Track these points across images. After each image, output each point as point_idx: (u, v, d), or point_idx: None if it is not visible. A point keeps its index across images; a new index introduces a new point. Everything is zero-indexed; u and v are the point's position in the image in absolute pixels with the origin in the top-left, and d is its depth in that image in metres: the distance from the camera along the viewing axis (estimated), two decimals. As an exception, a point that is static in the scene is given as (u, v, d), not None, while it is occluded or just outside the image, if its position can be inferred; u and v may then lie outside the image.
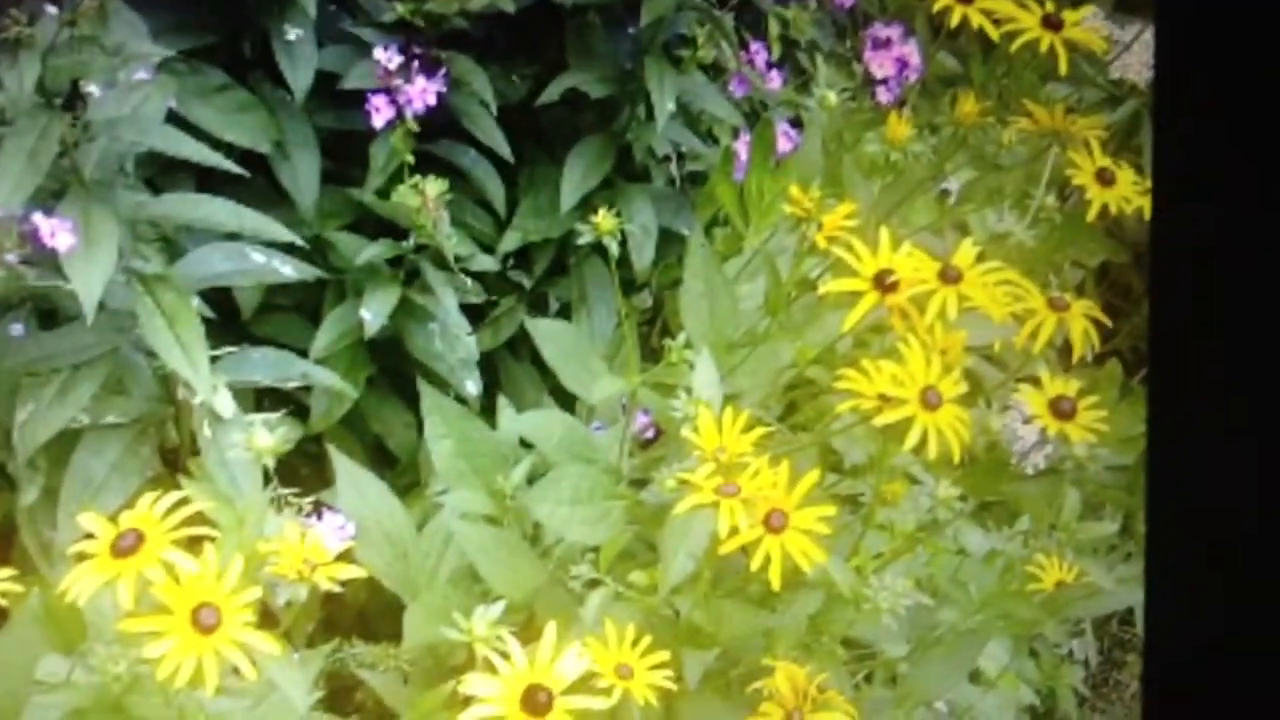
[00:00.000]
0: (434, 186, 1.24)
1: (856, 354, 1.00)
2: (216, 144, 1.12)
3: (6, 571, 0.81)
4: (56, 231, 0.96)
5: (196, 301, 1.06)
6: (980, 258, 0.96)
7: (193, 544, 0.80)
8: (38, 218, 0.96)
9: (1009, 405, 1.00)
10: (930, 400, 0.90)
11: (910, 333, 0.93)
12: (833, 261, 1.03)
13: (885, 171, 1.20)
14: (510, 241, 1.40)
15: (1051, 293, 1.01)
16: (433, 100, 1.25)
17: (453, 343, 1.30)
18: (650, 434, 1.16)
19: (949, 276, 0.95)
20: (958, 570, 1.07)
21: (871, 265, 0.95)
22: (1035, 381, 0.97)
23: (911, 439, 0.89)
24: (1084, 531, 1.02)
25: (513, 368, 1.40)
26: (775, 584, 0.85)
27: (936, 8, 1.10)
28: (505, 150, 1.36)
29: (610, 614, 0.90)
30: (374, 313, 1.27)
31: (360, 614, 1.15)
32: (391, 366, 1.34)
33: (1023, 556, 1.03)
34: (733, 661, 0.97)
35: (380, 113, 1.24)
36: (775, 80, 1.49)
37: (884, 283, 0.95)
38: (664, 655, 0.86)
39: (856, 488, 1.03)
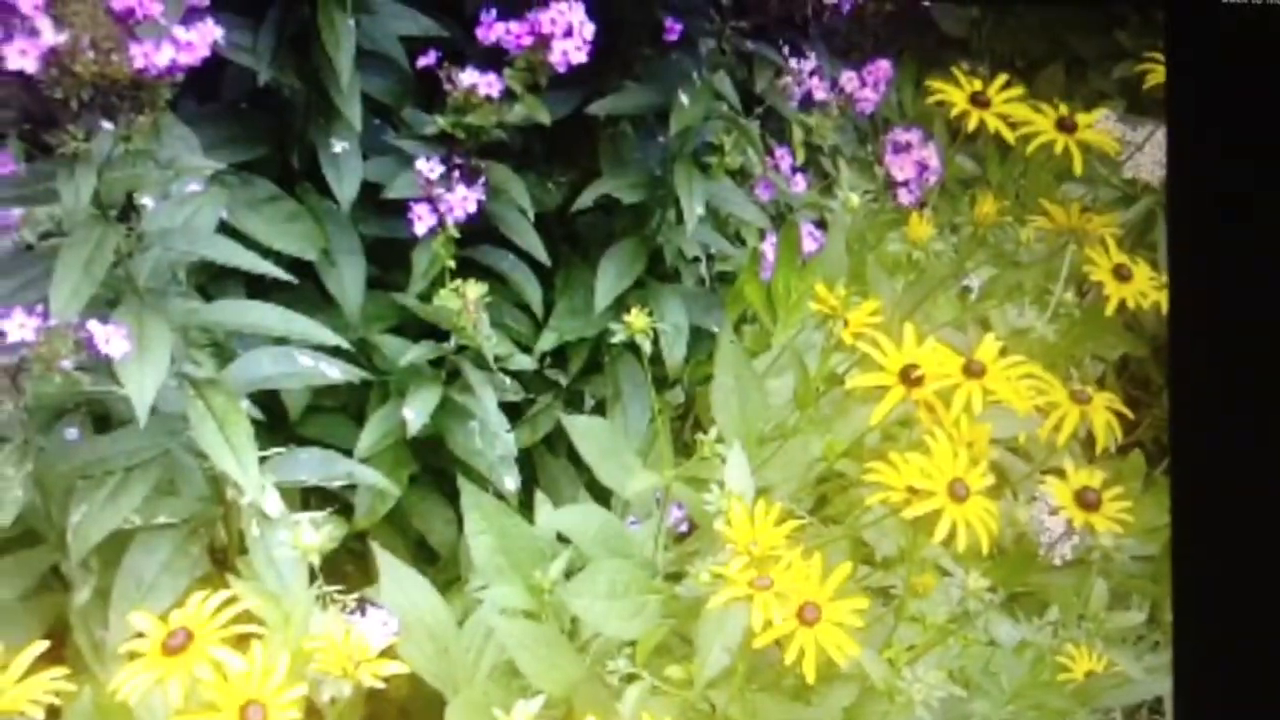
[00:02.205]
0: (474, 290, 1.24)
1: (885, 447, 0.98)
2: (266, 252, 1.12)
3: (59, 670, 0.80)
4: (111, 338, 0.96)
5: (246, 404, 1.06)
6: (1003, 352, 0.95)
7: (240, 641, 0.79)
8: (93, 325, 0.96)
9: (1035, 496, 0.98)
10: (958, 492, 0.88)
11: (937, 426, 0.92)
12: (859, 357, 1.02)
13: (908, 270, 1.19)
14: (547, 341, 1.39)
15: (1073, 386, 0.99)
16: (473, 208, 1.25)
17: (492, 440, 1.29)
18: (684, 528, 1.15)
19: (973, 371, 0.93)
20: (989, 661, 1.04)
21: (897, 360, 0.94)
22: (1060, 473, 0.95)
23: (940, 531, 0.87)
24: (1112, 621, 0.99)
25: (550, 464, 1.39)
26: (810, 677, 0.82)
27: (954, 113, 1.10)
28: (542, 254, 1.36)
29: (648, 708, 0.88)
30: (417, 412, 1.26)
31: (403, 709, 1.13)
32: (433, 464, 1.33)
33: (1053, 647, 1.01)
34: (770, 754, 0.95)
35: (422, 220, 1.24)
36: (800, 184, 1.49)
37: (909, 377, 0.93)
38: (701, 749, 0.84)
39: (888, 580, 1.01)
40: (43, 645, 0.81)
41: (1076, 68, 1.83)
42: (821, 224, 1.47)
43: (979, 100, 1.10)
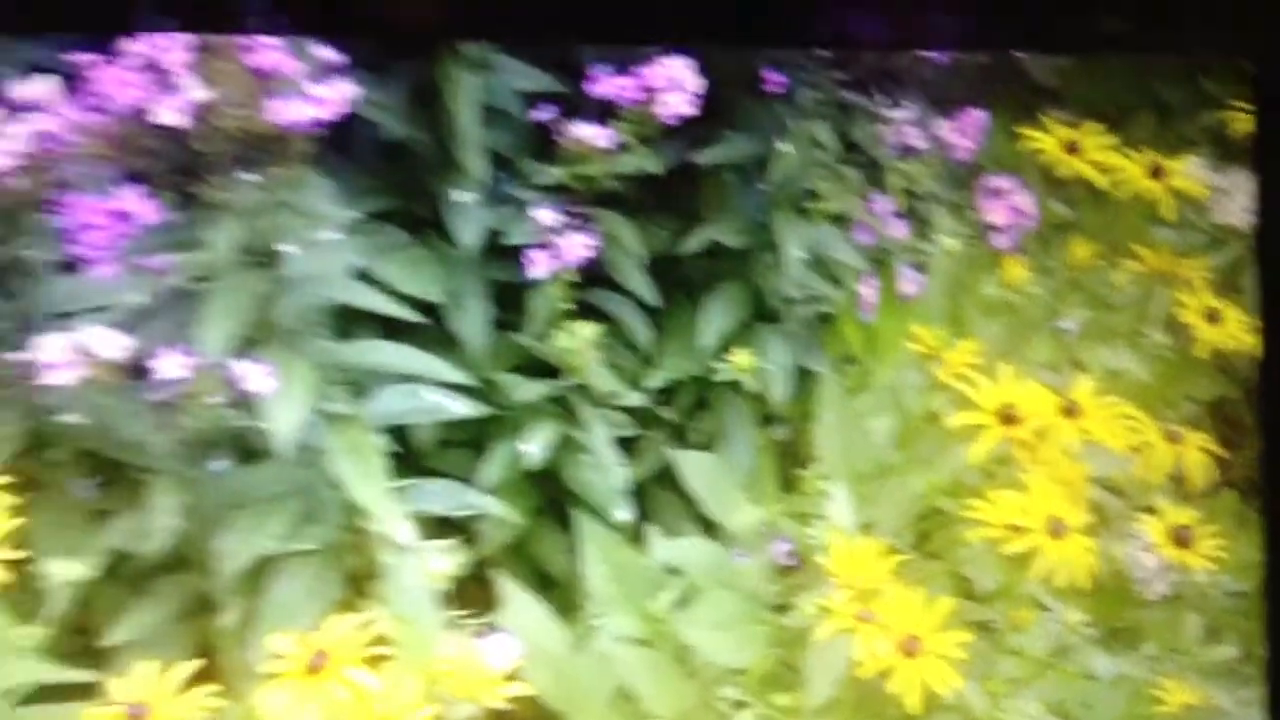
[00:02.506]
0: (588, 331, 1.26)
1: (984, 485, 0.98)
2: (397, 296, 1.14)
3: (209, 689, 0.82)
4: (256, 377, 0.98)
5: (379, 438, 1.08)
6: (1098, 393, 0.95)
7: (375, 663, 0.80)
8: (239, 364, 0.98)
9: (1131, 534, 0.97)
10: (1056, 529, 0.88)
11: (1034, 464, 0.91)
12: (957, 397, 1.02)
13: (1004, 312, 1.19)
14: (656, 380, 1.40)
15: (1167, 426, 0.98)
16: (586, 253, 1.26)
17: (606, 473, 1.30)
18: (790, 561, 1.15)
19: (1069, 411, 0.93)
20: (1087, 694, 1.03)
21: (995, 400, 0.94)
22: (1155, 511, 0.94)
23: (1039, 567, 0.87)
24: (1206, 656, 0.98)
25: (660, 497, 1.39)
26: (912, 708, 0.82)
27: (1047, 159, 1.09)
28: (651, 297, 1.37)
29: (757, 734, 0.88)
30: (536, 446, 1.28)
31: (525, 731, 1.14)
32: (551, 496, 1.34)
33: (1148, 680, 1.00)
34: (874, 781, 0.94)
35: (540, 265, 1.26)
36: (897, 228, 1.49)
37: (1007, 417, 0.93)
38: (809, 774, 0.84)
39: (987, 614, 1.00)
40: (195, 664, 0.83)
41: (1165, 115, 1.80)
42: (919, 267, 1.46)
43: (1071, 147, 1.10)
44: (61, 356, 0.96)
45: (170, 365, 0.96)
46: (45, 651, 0.91)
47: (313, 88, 0.97)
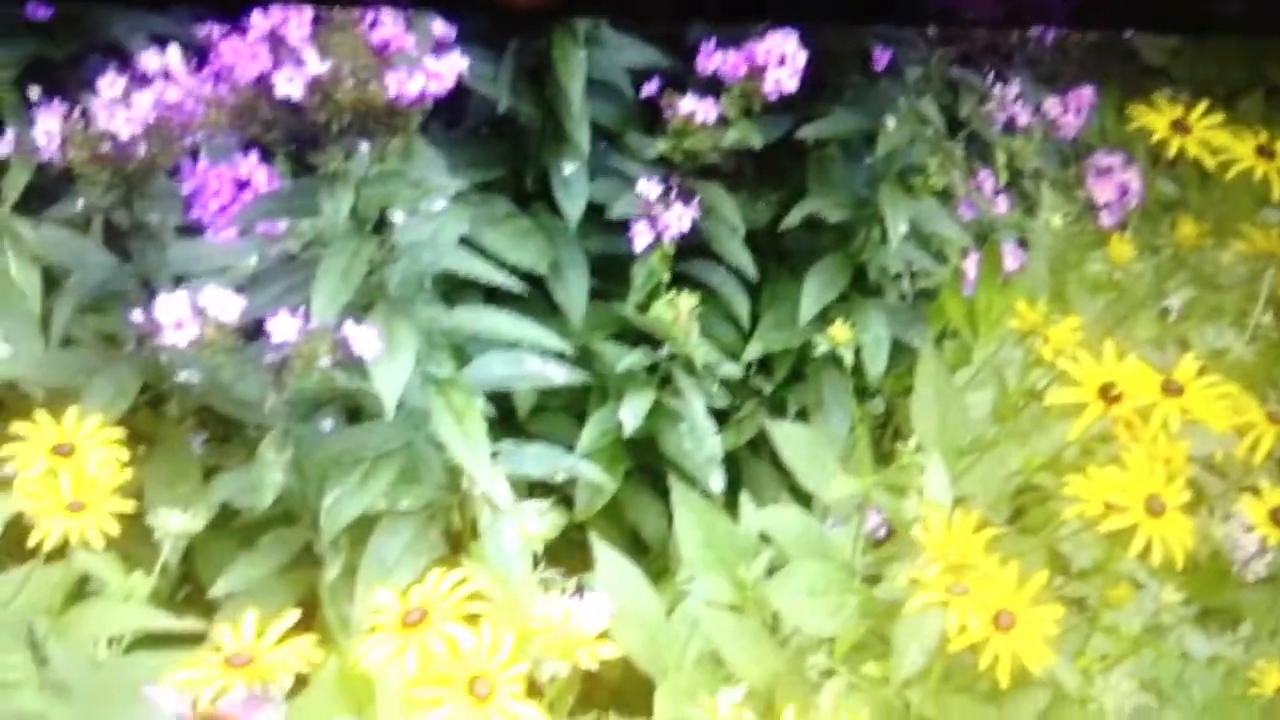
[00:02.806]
0: (686, 302, 1.24)
1: (1082, 462, 0.94)
2: (501, 265, 1.14)
3: (310, 638, 0.82)
4: (364, 340, 0.98)
5: (481, 402, 1.07)
6: (1201, 372, 0.91)
7: (471, 620, 0.80)
8: (348, 327, 0.99)
9: (1230, 514, 0.93)
10: (1154, 508, 0.84)
11: (1134, 443, 0.88)
12: (1058, 373, 0.98)
13: (1108, 290, 1.15)
14: (753, 351, 1.38)
15: (1270, 406, 0.94)
16: (687, 226, 1.25)
17: (700, 442, 1.29)
18: (882, 533, 1.12)
19: (1171, 389, 0.89)
20: (1181, 673, 0.99)
21: (1096, 378, 0.90)
22: (1256, 491, 0.90)
23: (1136, 545, 0.83)
24: (1304, 639, 0.94)
25: (754, 466, 1.38)
26: (1003, 682, 0.79)
27: (1155, 138, 1.05)
28: (750, 269, 1.35)
29: (845, 703, 0.86)
30: (632, 414, 1.27)
31: (615, 690, 1.13)
32: (646, 463, 1.33)
33: (1244, 662, 0.96)
34: (962, 755, 0.92)
35: (641, 237, 1.25)
36: (1002, 204, 1.45)
37: (1108, 394, 0.89)
38: (896, 745, 0.82)
39: (1083, 591, 0.97)
40: (295, 615, 0.83)
41: (1275, 96, 1.74)
42: (1023, 243, 1.42)
43: (1180, 126, 1.05)
44: (180, 317, 0.97)
45: (282, 327, 0.97)
46: (154, 600, 0.92)
47: (427, 61, 0.96)
